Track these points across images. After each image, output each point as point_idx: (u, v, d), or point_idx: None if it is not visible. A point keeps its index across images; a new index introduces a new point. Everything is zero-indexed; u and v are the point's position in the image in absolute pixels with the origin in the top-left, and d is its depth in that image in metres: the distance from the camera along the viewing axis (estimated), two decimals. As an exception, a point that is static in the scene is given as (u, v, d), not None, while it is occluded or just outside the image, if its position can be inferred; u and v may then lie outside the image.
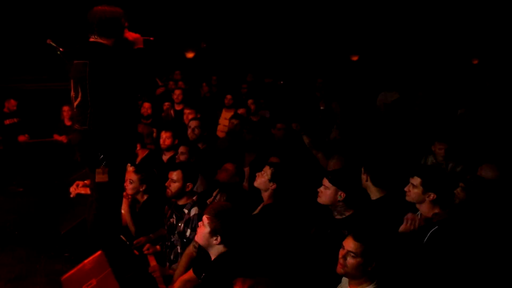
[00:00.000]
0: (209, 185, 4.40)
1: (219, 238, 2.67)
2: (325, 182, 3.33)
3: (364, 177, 3.70)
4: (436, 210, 3.09)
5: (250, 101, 7.73)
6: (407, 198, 3.21)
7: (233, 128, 5.84)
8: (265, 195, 3.67)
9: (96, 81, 3.08)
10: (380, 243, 2.50)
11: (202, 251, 3.40)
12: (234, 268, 2.43)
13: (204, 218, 2.73)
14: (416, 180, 3.15)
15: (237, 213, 2.80)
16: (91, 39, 3.19)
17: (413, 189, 3.16)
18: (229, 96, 8.05)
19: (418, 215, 3.18)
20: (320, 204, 3.41)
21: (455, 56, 14.55)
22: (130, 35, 3.30)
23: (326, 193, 3.31)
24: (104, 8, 3.19)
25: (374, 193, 3.68)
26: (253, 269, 2.56)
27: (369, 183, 3.69)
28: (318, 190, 3.37)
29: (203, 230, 2.71)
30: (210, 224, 2.69)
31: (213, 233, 2.68)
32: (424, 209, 3.14)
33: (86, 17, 3.18)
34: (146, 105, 7.30)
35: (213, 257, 2.74)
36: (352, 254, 2.48)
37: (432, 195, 3.08)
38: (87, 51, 3.17)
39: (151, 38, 3.45)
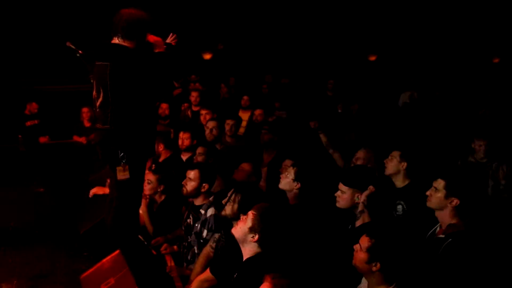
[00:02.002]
0: (226, 185, 4.40)
1: (256, 237, 2.64)
2: (341, 186, 3.21)
3: (395, 163, 3.71)
4: (455, 221, 2.84)
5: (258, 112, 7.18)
6: (428, 204, 2.97)
7: (229, 129, 5.73)
8: (290, 196, 3.62)
9: (116, 82, 3.13)
10: (388, 245, 2.44)
11: (219, 251, 3.42)
12: (265, 271, 2.39)
13: (250, 213, 2.71)
14: (439, 183, 2.91)
15: (282, 220, 2.78)
16: (113, 41, 3.21)
17: (436, 193, 2.91)
18: (245, 97, 8.04)
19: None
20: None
21: (475, 55, 14.30)
22: (152, 38, 3.34)
23: (343, 197, 3.18)
24: (131, 11, 3.20)
25: (401, 181, 3.70)
26: (283, 270, 2.54)
27: (402, 170, 3.70)
28: (336, 195, 3.25)
29: (244, 224, 2.69)
30: (253, 220, 2.66)
31: (252, 229, 2.65)
32: (445, 217, 2.89)
33: (112, 19, 3.19)
34: (164, 105, 7.35)
35: (245, 256, 2.71)
36: (361, 248, 2.48)
37: (455, 201, 2.83)
38: (108, 53, 3.20)
39: (173, 43, 3.49)
